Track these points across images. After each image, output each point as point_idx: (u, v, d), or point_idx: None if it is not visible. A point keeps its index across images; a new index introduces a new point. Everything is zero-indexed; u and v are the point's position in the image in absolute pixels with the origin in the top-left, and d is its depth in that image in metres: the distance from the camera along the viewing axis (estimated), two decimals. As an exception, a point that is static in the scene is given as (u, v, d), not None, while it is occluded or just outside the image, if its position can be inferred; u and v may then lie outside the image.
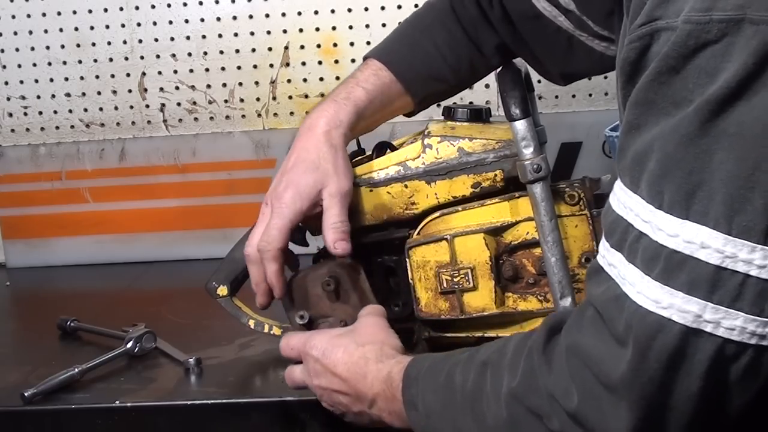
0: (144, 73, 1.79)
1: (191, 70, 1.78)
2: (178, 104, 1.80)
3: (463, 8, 1.21)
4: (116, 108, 1.81)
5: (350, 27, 1.74)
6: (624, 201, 0.73)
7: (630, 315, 0.70)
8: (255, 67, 1.77)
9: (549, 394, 0.76)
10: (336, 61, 1.76)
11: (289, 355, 1.06)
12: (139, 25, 1.77)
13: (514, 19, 1.17)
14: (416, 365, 0.93)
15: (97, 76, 1.80)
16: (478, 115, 1.18)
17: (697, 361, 0.68)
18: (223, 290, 1.20)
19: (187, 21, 1.76)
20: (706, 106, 0.67)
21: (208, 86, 1.79)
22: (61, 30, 1.78)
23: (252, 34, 1.76)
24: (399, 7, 1.72)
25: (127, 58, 1.79)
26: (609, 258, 0.75)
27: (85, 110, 1.82)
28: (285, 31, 1.75)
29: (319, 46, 1.76)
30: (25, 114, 1.83)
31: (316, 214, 1.10)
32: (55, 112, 1.82)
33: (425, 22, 1.24)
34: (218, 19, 1.76)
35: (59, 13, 1.78)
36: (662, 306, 0.69)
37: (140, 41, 1.78)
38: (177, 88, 1.79)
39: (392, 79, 1.19)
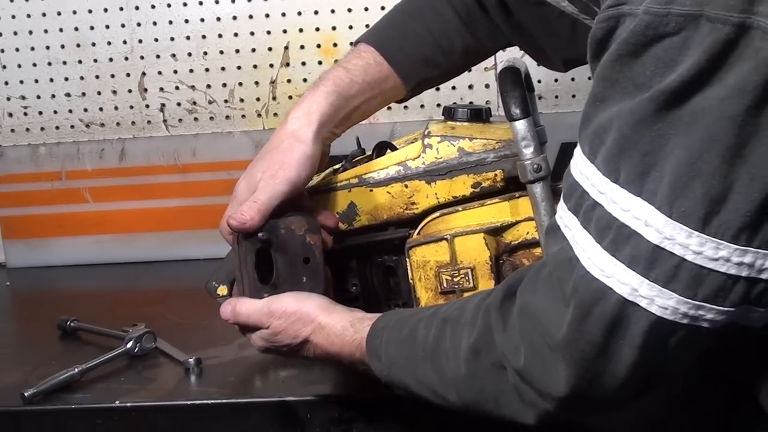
0: (144, 73, 1.79)
1: (191, 70, 1.78)
2: (178, 104, 1.80)
3: None
4: (116, 108, 1.81)
5: (350, 27, 1.74)
6: (582, 168, 0.76)
7: (578, 279, 0.73)
8: (255, 67, 1.77)
9: (504, 352, 0.80)
10: (336, 61, 1.76)
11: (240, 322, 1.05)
12: (139, 25, 1.77)
13: (512, 5, 1.17)
14: (385, 318, 0.97)
15: (97, 76, 1.80)
16: (479, 115, 1.18)
17: (631, 333, 0.72)
18: (223, 290, 1.19)
19: (187, 21, 1.76)
20: (662, 95, 0.69)
21: (208, 86, 1.79)
22: (61, 30, 1.78)
23: (252, 34, 1.76)
24: (399, 7, 1.72)
25: (127, 58, 1.79)
26: (565, 219, 0.77)
27: (85, 110, 1.82)
28: (285, 31, 1.75)
29: (319, 46, 1.76)
30: (25, 114, 1.83)
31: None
32: (55, 112, 1.82)
33: (415, 6, 1.23)
34: (218, 19, 1.76)
35: (59, 13, 1.78)
36: (606, 274, 0.72)
37: (140, 41, 1.78)
38: (177, 88, 1.79)
39: (380, 61, 1.17)
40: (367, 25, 1.72)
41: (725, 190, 0.68)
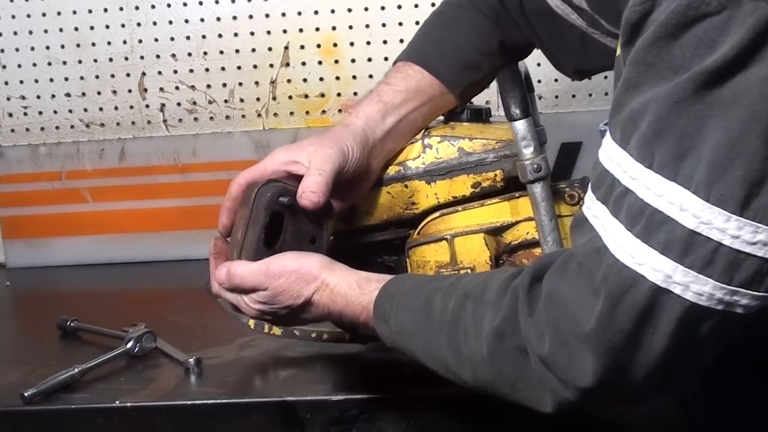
0: (144, 73, 1.79)
1: (191, 70, 1.78)
2: (178, 104, 1.80)
3: (482, 2, 1.20)
4: (116, 108, 1.81)
5: (350, 27, 1.74)
6: (612, 155, 0.75)
7: (608, 267, 0.72)
8: (255, 67, 1.77)
9: (528, 338, 0.78)
10: (336, 61, 1.76)
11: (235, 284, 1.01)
12: (139, 25, 1.77)
13: (529, 15, 1.17)
14: (396, 283, 0.95)
15: (97, 76, 1.80)
16: (478, 115, 1.18)
17: (664, 321, 0.71)
18: (223, 290, 1.19)
19: (187, 21, 1.76)
20: (701, 75, 0.68)
21: (208, 86, 1.79)
22: (61, 30, 1.78)
23: (252, 34, 1.76)
24: (399, 7, 1.72)
25: (127, 58, 1.79)
26: (594, 209, 0.76)
27: (85, 110, 1.82)
28: (285, 31, 1.75)
29: (319, 46, 1.76)
30: (25, 114, 1.83)
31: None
32: (55, 112, 1.82)
33: (445, 17, 1.23)
34: (218, 19, 1.76)
35: (59, 13, 1.78)
36: (637, 262, 0.71)
37: (140, 41, 1.78)
38: (177, 88, 1.79)
39: (421, 70, 1.17)
40: (367, 25, 1.74)
41: (766, 172, 0.67)
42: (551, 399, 0.79)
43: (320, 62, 1.76)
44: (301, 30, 1.75)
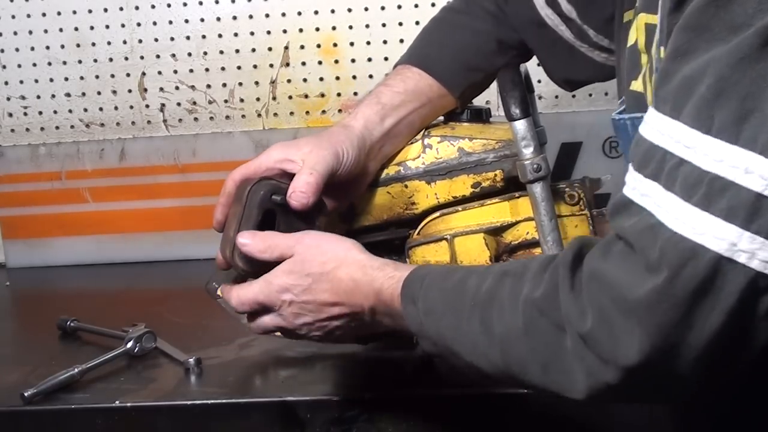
0: (144, 73, 1.79)
1: (191, 70, 1.78)
2: (178, 104, 1.80)
3: (480, 8, 1.20)
4: (116, 108, 1.81)
5: (350, 27, 1.74)
6: (662, 128, 0.72)
7: (664, 242, 0.69)
8: (255, 67, 1.77)
9: (565, 312, 0.75)
10: (336, 61, 1.76)
11: (245, 311, 1.02)
12: (139, 25, 1.77)
13: (521, 25, 1.17)
14: (424, 268, 0.93)
15: (97, 76, 1.80)
16: (478, 115, 1.18)
17: (725, 294, 0.67)
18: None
19: (187, 21, 1.76)
20: (767, 30, 0.66)
21: (208, 86, 1.79)
22: (61, 30, 1.78)
23: (252, 34, 1.76)
24: (399, 7, 1.72)
25: (127, 58, 1.79)
26: (642, 189, 0.73)
27: (85, 110, 1.82)
28: (285, 31, 1.75)
29: (319, 46, 1.76)
30: (25, 114, 1.83)
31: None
32: (55, 112, 1.82)
33: (446, 22, 1.23)
34: (218, 19, 1.76)
35: (59, 13, 1.78)
36: (698, 232, 0.67)
37: (140, 41, 1.78)
38: (177, 88, 1.79)
39: (420, 72, 1.17)
40: (367, 25, 1.74)
41: None
42: (586, 383, 0.75)
43: (320, 62, 1.76)
44: (301, 30, 1.75)
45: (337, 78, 1.76)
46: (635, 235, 0.72)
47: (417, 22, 1.68)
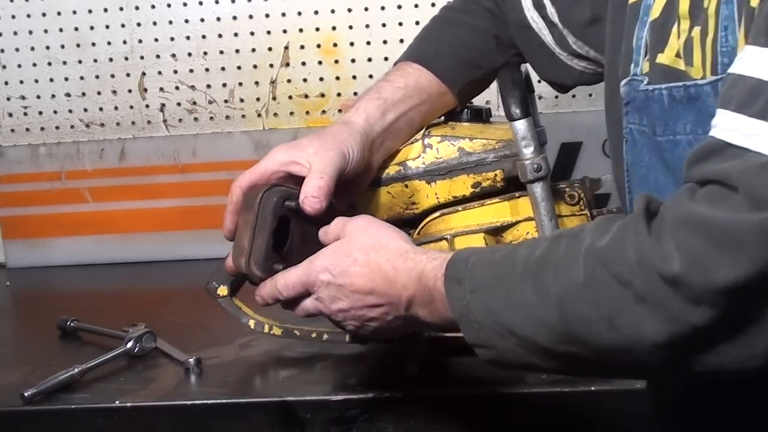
0: (144, 73, 1.79)
1: (191, 70, 1.78)
2: (178, 104, 1.80)
3: (479, 6, 1.21)
4: (116, 108, 1.81)
5: (350, 27, 1.74)
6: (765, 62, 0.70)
7: None
8: (255, 67, 1.77)
9: (642, 259, 0.70)
10: (336, 61, 1.76)
11: (290, 295, 0.99)
12: (139, 25, 1.77)
13: (510, 24, 1.18)
14: (472, 248, 0.89)
15: (97, 76, 1.80)
16: (479, 115, 1.18)
17: None
18: (223, 290, 1.19)
19: (187, 21, 1.76)
20: None
21: (208, 86, 1.79)
22: (61, 30, 1.79)
23: (252, 34, 1.76)
24: (399, 7, 1.72)
25: (127, 58, 1.79)
26: (745, 129, 0.70)
27: (85, 110, 1.82)
28: (285, 31, 1.75)
29: (319, 46, 1.76)
30: (25, 114, 1.83)
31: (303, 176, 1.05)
32: (55, 112, 1.82)
33: (445, 20, 1.23)
34: (218, 19, 1.76)
35: (59, 13, 1.78)
36: None
37: (140, 41, 1.78)
38: (177, 88, 1.79)
39: (420, 69, 1.17)
40: (367, 25, 1.74)
41: None
42: (667, 330, 0.70)
43: (320, 62, 1.76)
44: (301, 30, 1.75)
45: (337, 78, 1.76)
46: (738, 175, 0.69)
47: (417, 22, 1.68)
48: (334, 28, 1.75)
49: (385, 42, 1.74)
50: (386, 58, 1.72)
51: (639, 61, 0.87)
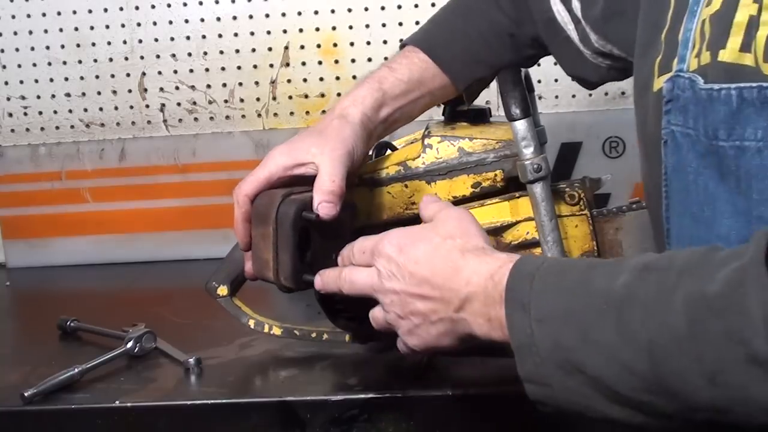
0: (144, 73, 1.79)
1: (191, 70, 1.78)
2: (178, 104, 1.80)
3: None
4: (116, 108, 1.81)
5: (350, 27, 1.74)
6: None
7: None
8: (255, 67, 1.77)
9: (766, 317, 0.62)
10: (336, 61, 1.76)
11: (360, 261, 0.93)
12: (139, 25, 1.77)
13: (536, 16, 1.15)
14: (533, 260, 0.79)
15: (97, 76, 1.80)
16: (479, 115, 1.18)
17: None
18: (223, 290, 1.20)
19: (187, 21, 1.76)
20: None
21: (208, 86, 1.79)
22: (61, 30, 1.79)
23: (252, 34, 1.76)
24: (399, 7, 1.73)
25: (127, 58, 1.79)
26: None
27: (85, 110, 1.82)
28: (285, 31, 1.75)
29: (319, 46, 1.76)
30: (25, 114, 1.83)
31: (309, 177, 1.03)
32: (55, 112, 1.82)
33: (464, 7, 1.20)
34: (218, 19, 1.76)
35: (59, 13, 1.78)
36: None
37: (140, 41, 1.78)
38: (177, 88, 1.79)
39: (425, 59, 1.15)
40: (367, 25, 1.74)
41: None
42: None
43: (320, 62, 1.76)
44: (301, 30, 1.75)
45: (337, 78, 1.76)
46: None
47: (417, 22, 1.68)
48: (334, 28, 1.75)
49: (385, 42, 1.74)
50: (386, 58, 1.71)
51: (686, 56, 0.80)
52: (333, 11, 1.74)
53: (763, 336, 0.62)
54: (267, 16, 1.75)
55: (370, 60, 1.75)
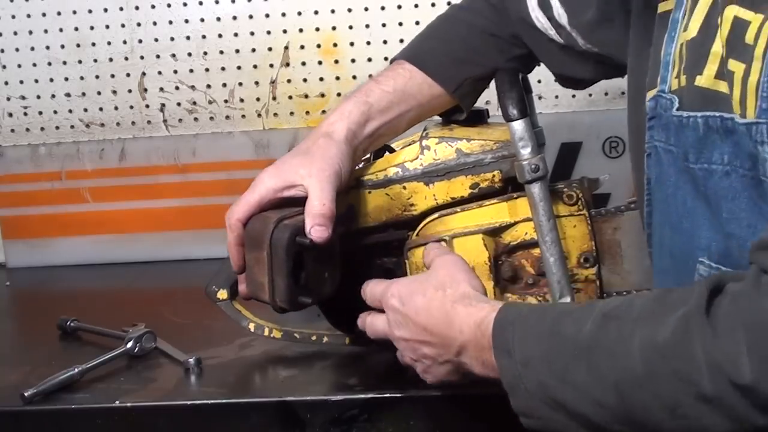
0: (144, 73, 1.79)
1: (191, 70, 1.78)
2: (178, 104, 1.80)
3: (484, 2, 1.19)
4: (116, 108, 1.81)
5: (350, 27, 1.74)
6: None
7: None
8: (255, 67, 1.77)
9: (711, 362, 0.69)
10: (336, 61, 1.76)
11: (372, 304, 1.04)
12: (139, 25, 1.77)
13: (515, 21, 1.16)
14: (511, 309, 0.87)
15: (97, 76, 1.80)
16: (476, 115, 1.18)
17: None
18: (222, 294, 1.20)
19: (187, 21, 1.76)
20: None
21: (208, 86, 1.79)
22: (61, 30, 1.79)
23: (252, 34, 1.76)
24: (399, 7, 1.73)
25: (127, 58, 1.79)
26: None
27: (85, 110, 1.82)
28: (285, 31, 1.75)
29: (319, 46, 1.76)
30: (25, 114, 1.83)
31: (298, 198, 1.05)
32: (55, 112, 1.83)
33: (446, 19, 1.22)
34: (218, 19, 1.76)
35: (59, 13, 1.78)
36: None
37: (140, 41, 1.78)
38: (177, 88, 1.80)
39: (412, 69, 1.16)
40: (367, 25, 1.74)
41: None
42: (731, 428, 0.70)
43: (320, 62, 1.76)
44: (301, 30, 1.75)
45: (337, 78, 1.76)
46: None
47: (417, 22, 1.69)
48: (334, 28, 1.75)
49: (385, 42, 1.74)
50: (386, 58, 1.71)
51: (667, 77, 0.84)
52: (333, 11, 1.74)
53: (708, 378, 0.69)
54: (267, 16, 1.75)
55: (370, 60, 1.75)
